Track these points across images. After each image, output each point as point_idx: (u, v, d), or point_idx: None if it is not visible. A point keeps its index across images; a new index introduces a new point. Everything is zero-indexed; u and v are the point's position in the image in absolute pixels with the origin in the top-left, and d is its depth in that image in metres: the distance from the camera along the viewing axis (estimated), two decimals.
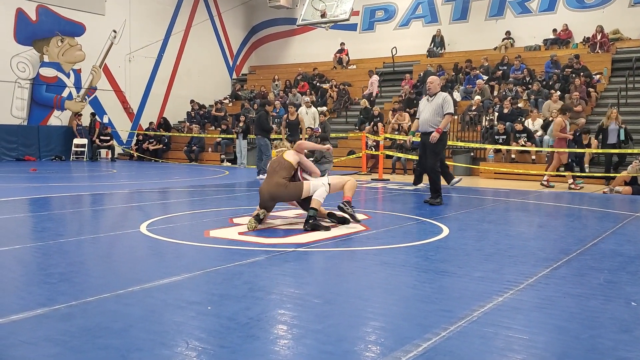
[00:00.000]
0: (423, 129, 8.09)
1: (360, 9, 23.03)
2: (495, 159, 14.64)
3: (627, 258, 4.63)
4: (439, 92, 8.05)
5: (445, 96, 8.00)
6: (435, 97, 8.00)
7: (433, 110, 7.92)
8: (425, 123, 8.01)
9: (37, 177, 12.16)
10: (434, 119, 7.91)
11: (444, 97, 7.96)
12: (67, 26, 19.38)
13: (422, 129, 8.10)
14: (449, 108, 7.89)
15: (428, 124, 7.97)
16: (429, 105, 8.01)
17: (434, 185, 8.00)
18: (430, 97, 8.05)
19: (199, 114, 21.62)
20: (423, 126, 8.08)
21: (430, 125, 7.93)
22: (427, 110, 8.02)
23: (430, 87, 8.06)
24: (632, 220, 6.93)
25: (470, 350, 2.55)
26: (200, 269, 3.99)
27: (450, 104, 7.95)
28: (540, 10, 19.87)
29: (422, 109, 8.14)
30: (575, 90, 15.37)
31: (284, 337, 2.72)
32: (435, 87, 8.07)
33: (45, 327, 2.77)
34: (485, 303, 3.25)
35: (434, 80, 8.10)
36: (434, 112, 7.91)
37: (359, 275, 3.97)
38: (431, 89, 8.05)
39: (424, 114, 8.04)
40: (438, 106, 7.89)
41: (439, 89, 8.11)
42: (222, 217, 6.50)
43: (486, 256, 4.63)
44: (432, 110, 7.93)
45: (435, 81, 8.12)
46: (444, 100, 7.91)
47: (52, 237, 5.16)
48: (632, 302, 3.37)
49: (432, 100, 8.00)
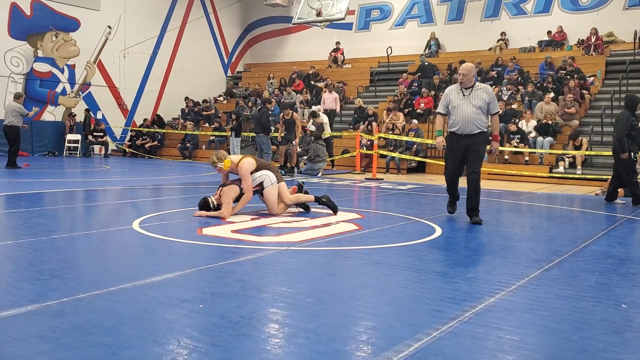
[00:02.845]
0: (465, 130, 6.55)
1: (355, 8, 23.03)
2: (488, 160, 14.67)
3: (618, 260, 4.66)
4: (477, 84, 6.65)
5: (491, 91, 6.67)
6: (473, 90, 6.57)
7: (477, 106, 6.52)
8: (468, 122, 6.52)
9: (30, 173, 12.09)
10: (480, 118, 6.53)
11: (489, 92, 6.61)
12: (61, 21, 19.30)
13: (464, 129, 6.56)
14: (497, 105, 6.73)
15: (473, 123, 6.51)
16: (466, 101, 6.55)
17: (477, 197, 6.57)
18: (466, 89, 6.60)
19: (193, 111, 21.57)
20: (465, 126, 6.55)
21: (476, 126, 6.52)
22: (466, 106, 6.54)
23: (465, 79, 6.59)
24: (624, 223, 6.97)
25: (461, 351, 2.56)
26: (192, 266, 3.99)
27: (496, 100, 6.68)
28: (535, 11, 19.93)
29: (458, 105, 6.59)
30: (569, 92, 15.44)
31: (275, 336, 2.72)
32: (471, 79, 6.61)
33: (36, 323, 2.76)
34: (476, 304, 3.27)
35: (470, 70, 6.62)
36: (478, 109, 6.52)
37: (351, 275, 3.98)
38: (465, 82, 6.59)
39: (463, 111, 6.54)
40: (483, 102, 6.52)
41: (474, 81, 6.67)
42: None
43: (478, 257, 4.65)
44: (475, 106, 6.52)
45: (471, 71, 6.62)
46: (490, 96, 6.57)
47: (44, 233, 5.14)
48: (622, 304, 3.39)
49: (470, 94, 6.56)
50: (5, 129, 13.08)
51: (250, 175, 6.46)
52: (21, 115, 13.05)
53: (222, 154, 6.60)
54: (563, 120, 15.11)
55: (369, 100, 19.43)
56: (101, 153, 19.65)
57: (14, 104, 13.16)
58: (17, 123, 13.01)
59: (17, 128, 13.04)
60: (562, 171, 13.52)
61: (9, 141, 13.10)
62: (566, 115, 15.18)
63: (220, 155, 6.55)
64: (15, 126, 13.00)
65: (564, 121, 15.10)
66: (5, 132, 13.11)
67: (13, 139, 13.04)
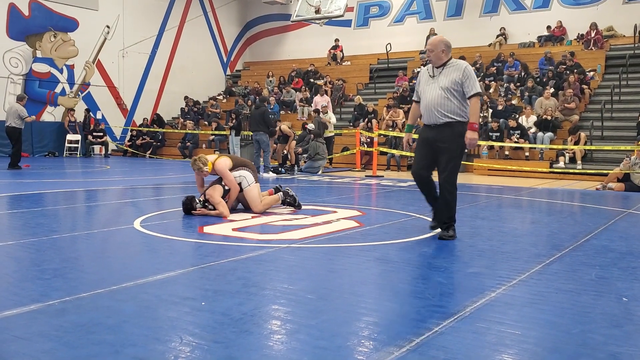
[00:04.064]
0: (429, 120, 5.16)
1: (354, 5, 23.02)
2: (489, 156, 14.68)
3: (619, 254, 4.67)
4: (452, 61, 5.15)
5: (465, 67, 5.06)
6: (444, 68, 5.12)
7: (443, 88, 5.04)
8: (432, 109, 5.09)
9: (30, 173, 12.10)
10: (447, 104, 5.02)
11: (462, 68, 5.05)
12: (60, 21, 19.29)
13: (428, 119, 5.17)
14: (475, 85, 5.01)
15: (437, 110, 5.06)
16: (434, 83, 5.13)
17: (448, 210, 5.16)
18: (436, 68, 5.18)
19: (193, 110, 21.57)
20: (429, 114, 5.14)
21: (441, 113, 5.04)
22: (431, 89, 5.12)
23: (431, 55, 5.18)
24: (624, 217, 6.98)
25: (463, 345, 2.56)
26: (194, 264, 4.00)
27: (474, 79, 5.06)
28: (535, 7, 19.91)
29: (424, 88, 5.23)
30: (569, 87, 15.43)
31: (277, 332, 2.73)
32: (439, 56, 5.13)
33: (39, 322, 2.77)
34: (477, 299, 3.27)
35: (437, 44, 5.13)
36: (446, 91, 5.03)
37: (352, 271, 3.99)
38: (433, 59, 5.18)
39: (428, 96, 5.14)
40: (453, 82, 5.02)
41: (446, 57, 5.14)
42: None
43: (479, 252, 4.65)
44: (442, 88, 5.05)
45: (438, 45, 5.12)
46: (465, 73, 5.01)
47: (46, 233, 5.15)
48: (623, 297, 3.40)
49: (440, 74, 5.13)
50: (8, 130, 13.16)
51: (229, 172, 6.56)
52: (22, 119, 13.13)
53: (204, 157, 6.67)
54: (563, 116, 15.11)
55: (369, 98, 19.43)
56: (101, 153, 19.66)
57: (16, 105, 13.25)
58: (19, 125, 13.10)
59: (19, 130, 13.12)
60: (563, 166, 13.52)
61: (10, 141, 13.21)
62: (566, 111, 15.17)
63: (203, 160, 6.63)
64: (18, 128, 13.07)
65: (564, 116, 15.09)
66: (8, 133, 13.21)
67: (16, 140, 13.13)
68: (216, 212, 6.25)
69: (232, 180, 6.49)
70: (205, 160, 6.60)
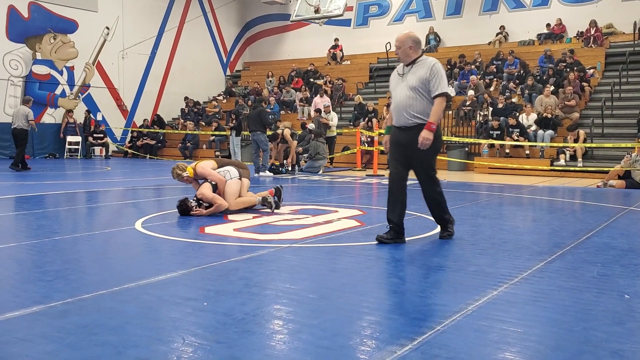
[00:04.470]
0: (398, 122, 4.90)
1: (354, 5, 23.01)
2: (489, 154, 14.68)
3: (621, 251, 4.66)
4: (421, 58, 4.85)
5: (432, 65, 4.75)
6: (413, 66, 4.83)
7: (410, 88, 4.76)
8: (400, 111, 4.84)
9: (31, 175, 12.11)
10: (415, 104, 4.75)
11: (430, 66, 4.75)
12: (59, 23, 19.29)
13: (397, 120, 4.91)
14: (441, 84, 4.73)
15: (405, 111, 4.79)
16: (403, 82, 4.85)
17: (440, 210, 5.14)
18: (406, 66, 4.89)
19: (193, 111, 21.57)
20: (397, 116, 4.89)
21: (410, 114, 4.77)
22: (400, 89, 4.86)
23: (399, 53, 4.89)
24: (625, 214, 6.97)
25: (465, 344, 2.56)
26: (195, 265, 4.00)
27: (441, 77, 4.75)
28: (534, 5, 19.90)
29: (394, 88, 4.96)
30: (569, 85, 15.42)
31: (279, 332, 2.73)
32: (407, 53, 4.83)
33: (41, 324, 2.77)
34: (479, 297, 3.27)
35: (404, 40, 4.84)
36: (413, 91, 4.75)
37: (353, 271, 3.99)
38: (401, 56, 4.90)
39: (396, 96, 4.89)
40: (419, 81, 4.74)
41: (415, 54, 4.84)
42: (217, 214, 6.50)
43: (480, 250, 4.65)
44: (409, 88, 4.77)
45: (405, 42, 4.83)
46: (432, 71, 4.72)
47: (47, 235, 5.15)
48: (625, 294, 3.40)
49: (408, 72, 4.84)
50: (15, 131, 13.45)
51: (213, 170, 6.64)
52: (28, 120, 13.41)
53: (182, 165, 6.74)
54: (563, 113, 15.09)
55: (369, 97, 19.42)
56: (102, 154, 19.66)
57: (24, 108, 13.55)
58: (26, 126, 13.41)
59: (25, 131, 13.43)
60: (563, 164, 13.51)
61: (18, 143, 13.46)
62: (566, 108, 15.15)
63: (181, 166, 6.70)
64: (25, 129, 13.39)
65: (564, 114, 15.08)
66: (15, 135, 13.48)
67: (22, 141, 13.45)
68: (214, 207, 6.27)
69: (215, 175, 6.55)
70: (183, 167, 6.69)
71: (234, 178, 6.64)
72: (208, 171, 6.60)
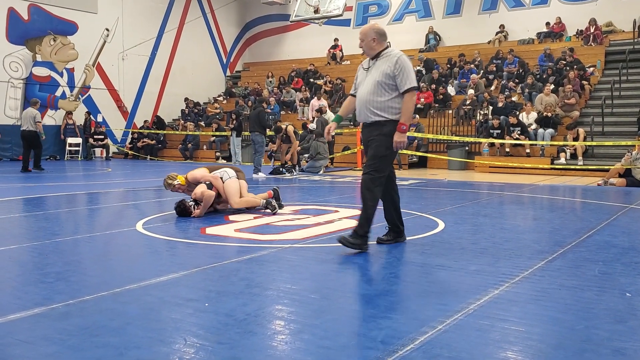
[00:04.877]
0: (360, 117, 4.67)
1: (353, 5, 23.02)
2: (490, 153, 14.67)
3: (622, 249, 4.66)
4: (386, 51, 4.57)
5: (396, 59, 4.44)
6: (377, 60, 4.57)
7: (375, 83, 4.48)
8: (362, 106, 4.57)
9: (32, 177, 12.12)
10: (377, 100, 4.47)
11: (394, 60, 4.44)
12: (59, 25, 19.30)
13: (359, 116, 4.67)
14: (409, 79, 4.42)
15: (366, 107, 4.53)
16: (368, 76, 4.60)
17: (363, 209, 4.57)
18: (372, 60, 4.64)
19: (194, 111, 21.58)
20: (359, 111, 4.64)
21: (371, 111, 4.51)
22: (365, 84, 4.59)
23: (363, 46, 4.65)
24: (626, 212, 6.97)
25: (467, 343, 2.56)
26: (196, 266, 4.00)
27: (408, 71, 4.43)
28: (534, 3, 19.90)
29: (359, 82, 4.70)
30: (569, 83, 15.42)
31: (281, 332, 2.73)
32: (371, 46, 4.58)
33: (42, 326, 2.77)
34: (481, 296, 3.27)
35: (367, 33, 4.58)
36: (377, 86, 4.47)
37: (355, 270, 3.99)
38: (365, 49, 4.66)
39: (360, 91, 4.62)
40: (384, 75, 4.45)
41: (380, 47, 4.58)
42: (218, 215, 6.50)
43: (482, 250, 4.65)
44: (373, 83, 4.49)
45: (368, 34, 4.57)
46: (397, 65, 4.42)
47: (48, 237, 5.15)
48: (626, 293, 3.40)
49: (373, 66, 4.59)
50: (24, 134, 13.65)
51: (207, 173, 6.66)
52: (35, 123, 13.64)
53: (172, 174, 6.73)
54: (563, 112, 15.09)
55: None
56: (102, 156, 19.67)
57: (32, 110, 13.74)
58: (35, 128, 13.62)
59: (35, 133, 13.65)
60: (564, 162, 13.51)
61: (30, 145, 13.70)
62: (566, 107, 15.16)
63: (172, 176, 6.69)
64: (34, 131, 13.62)
65: (564, 112, 15.08)
66: (24, 137, 13.67)
67: (35, 143, 13.73)
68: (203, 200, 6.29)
69: (209, 175, 6.56)
70: (173, 176, 6.69)
71: (231, 177, 6.65)
72: (200, 175, 6.59)
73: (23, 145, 13.76)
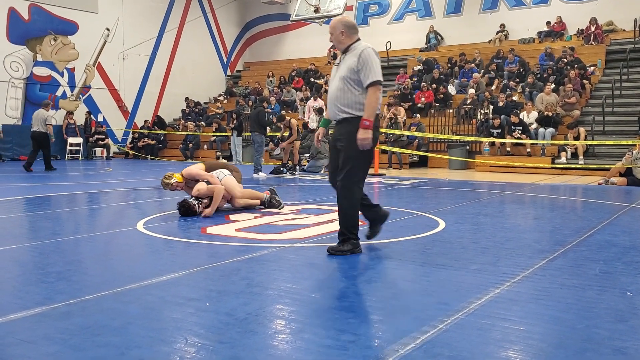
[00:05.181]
0: (329, 115, 4.57)
1: (354, 4, 23.01)
2: (490, 152, 14.67)
3: (622, 249, 4.66)
4: (353, 45, 4.38)
5: (361, 52, 4.26)
6: (346, 55, 4.39)
7: (341, 78, 4.33)
8: (331, 104, 4.43)
9: (33, 177, 12.12)
10: (344, 96, 4.30)
11: (359, 53, 4.26)
12: (60, 25, 19.31)
13: (329, 113, 4.51)
14: (372, 72, 4.25)
15: (334, 104, 4.38)
16: (337, 71, 4.44)
17: (342, 219, 4.39)
18: (343, 55, 4.45)
19: (194, 111, 21.58)
20: (329, 109, 4.48)
21: (339, 108, 4.34)
22: (334, 80, 4.43)
23: (332, 38, 4.47)
24: (627, 211, 6.97)
25: (468, 342, 2.56)
26: (197, 265, 4.00)
27: (371, 64, 4.26)
28: (534, 2, 19.88)
29: (331, 79, 4.53)
30: (570, 83, 15.40)
31: (282, 331, 2.73)
32: (339, 39, 4.41)
33: (44, 325, 2.78)
34: (482, 295, 3.27)
35: (335, 26, 4.41)
36: (343, 81, 4.31)
37: (355, 270, 3.99)
38: (334, 42, 4.49)
39: (330, 87, 4.48)
40: (349, 71, 4.28)
41: (349, 40, 4.40)
42: (218, 214, 6.50)
43: (482, 249, 4.65)
44: (340, 78, 4.34)
45: (336, 27, 4.40)
46: (360, 59, 4.24)
47: (49, 236, 5.16)
48: (627, 292, 3.40)
49: (342, 61, 4.42)
50: (34, 134, 13.76)
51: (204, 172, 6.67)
52: (46, 125, 13.77)
53: (168, 174, 6.71)
54: (564, 111, 15.08)
55: None
56: (103, 156, 19.68)
57: (43, 112, 13.86)
58: (45, 129, 13.75)
59: (45, 134, 13.77)
60: (565, 162, 13.51)
61: (40, 146, 13.82)
62: (567, 106, 15.15)
63: (168, 175, 6.68)
64: (44, 132, 13.74)
65: (565, 111, 15.07)
66: (34, 138, 13.77)
67: (44, 144, 13.85)
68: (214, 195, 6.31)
69: (206, 174, 6.56)
70: (169, 175, 6.68)
71: (227, 175, 6.69)
72: (196, 172, 6.59)
73: (32, 145, 13.87)
